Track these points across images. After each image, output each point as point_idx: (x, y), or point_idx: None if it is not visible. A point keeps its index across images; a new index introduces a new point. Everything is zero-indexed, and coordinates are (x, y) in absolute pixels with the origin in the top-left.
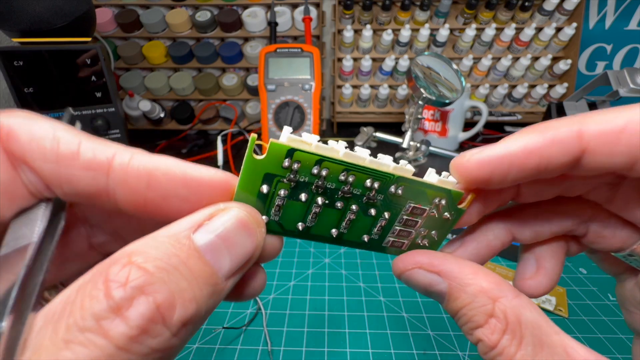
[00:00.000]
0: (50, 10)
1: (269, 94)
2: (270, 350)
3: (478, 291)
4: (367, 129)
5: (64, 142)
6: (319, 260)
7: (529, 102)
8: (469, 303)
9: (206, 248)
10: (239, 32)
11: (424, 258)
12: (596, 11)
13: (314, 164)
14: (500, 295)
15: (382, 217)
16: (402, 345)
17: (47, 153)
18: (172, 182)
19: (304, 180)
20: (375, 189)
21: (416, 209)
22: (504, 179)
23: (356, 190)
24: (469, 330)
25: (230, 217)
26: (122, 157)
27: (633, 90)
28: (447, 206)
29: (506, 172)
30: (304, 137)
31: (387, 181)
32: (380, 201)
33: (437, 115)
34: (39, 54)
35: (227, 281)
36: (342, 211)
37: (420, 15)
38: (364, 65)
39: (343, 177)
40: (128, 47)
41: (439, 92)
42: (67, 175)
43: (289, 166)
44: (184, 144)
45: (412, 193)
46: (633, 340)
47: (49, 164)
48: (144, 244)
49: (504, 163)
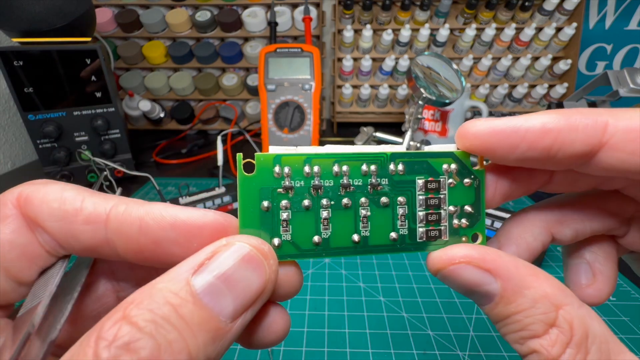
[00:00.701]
0: (50, 10)
1: (269, 94)
2: (270, 350)
3: (540, 296)
4: (367, 129)
5: (69, 201)
6: (319, 260)
7: (529, 102)
8: (527, 309)
9: (205, 291)
10: (239, 32)
11: (473, 252)
12: (596, 11)
13: (303, 164)
14: (565, 302)
15: (397, 203)
16: (402, 345)
17: (55, 212)
18: (160, 226)
19: (300, 185)
20: (374, 173)
21: (429, 183)
22: (510, 152)
23: (356, 182)
24: (520, 339)
25: (231, 254)
26: (118, 208)
27: (633, 90)
28: (461, 170)
29: (515, 145)
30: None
31: (383, 161)
32: (386, 186)
33: (437, 115)
34: (39, 54)
35: (234, 323)
36: (353, 209)
37: (420, 15)
38: (364, 65)
39: (337, 169)
40: (128, 47)
41: (439, 92)
42: (72, 230)
43: (280, 173)
44: (184, 144)
45: (415, 168)
46: None
47: (57, 222)
48: (141, 294)
49: (516, 135)
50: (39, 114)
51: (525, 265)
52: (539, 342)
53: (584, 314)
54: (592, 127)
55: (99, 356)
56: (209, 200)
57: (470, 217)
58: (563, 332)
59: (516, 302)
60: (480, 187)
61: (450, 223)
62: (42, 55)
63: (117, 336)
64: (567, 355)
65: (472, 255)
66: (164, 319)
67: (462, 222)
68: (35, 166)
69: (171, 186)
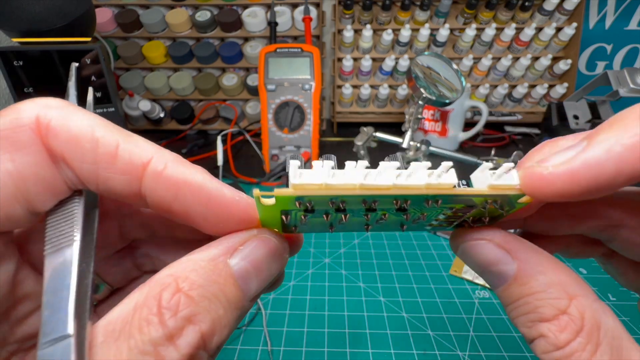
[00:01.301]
0: (50, 10)
1: (269, 94)
2: (270, 351)
3: (555, 282)
4: (367, 129)
5: (102, 144)
6: (319, 260)
7: (529, 102)
8: (539, 292)
9: (239, 274)
10: (239, 32)
11: (496, 234)
12: (596, 11)
13: (329, 200)
14: (579, 293)
15: (417, 216)
16: (402, 345)
17: (86, 154)
18: (197, 200)
19: (323, 209)
20: (406, 204)
21: (459, 211)
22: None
23: (382, 206)
24: (529, 322)
25: (262, 245)
26: (156, 165)
27: (633, 90)
28: (501, 205)
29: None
30: (313, 172)
31: (422, 198)
32: (412, 207)
33: (437, 115)
34: (39, 54)
35: (251, 303)
36: (370, 220)
37: (420, 15)
38: (364, 65)
39: (366, 202)
40: (128, 47)
41: (439, 92)
42: (104, 177)
43: (302, 204)
44: (184, 144)
45: (453, 200)
46: None
47: (87, 165)
48: (185, 269)
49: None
50: None
51: (545, 255)
52: (547, 327)
53: (598, 307)
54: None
55: (166, 324)
56: None
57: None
58: (573, 320)
59: (529, 284)
60: (508, 212)
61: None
62: (42, 55)
63: (179, 308)
64: (576, 343)
65: (494, 235)
66: (215, 297)
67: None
68: None
69: None
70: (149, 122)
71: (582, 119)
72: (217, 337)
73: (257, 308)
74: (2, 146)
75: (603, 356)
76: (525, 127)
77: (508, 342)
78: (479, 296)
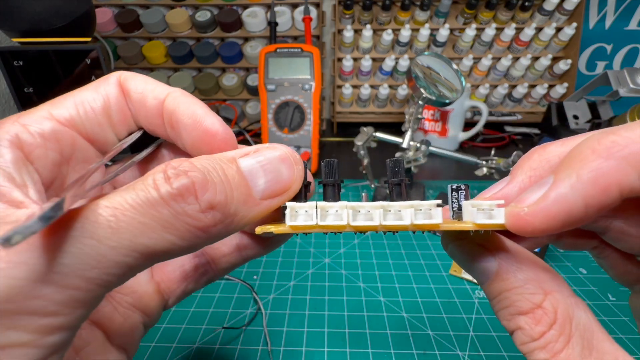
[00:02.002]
0: (50, 10)
1: (269, 94)
2: (270, 350)
3: (531, 278)
4: (367, 129)
5: (149, 84)
6: (319, 260)
7: (529, 102)
8: (517, 287)
9: (246, 168)
10: (239, 32)
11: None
12: (596, 11)
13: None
14: (555, 289)
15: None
16: (402, 345)
17: (139, 88)
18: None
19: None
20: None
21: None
22: (580, 221)
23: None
24: (508, 315)
25: (272, 152)
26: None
27: (633, 90)
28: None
29: (583, 215)
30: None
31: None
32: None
33: (437, 115)
34: (39, 54)
35: (262, 201)
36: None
37: (420, 15)
38: (364, 65)
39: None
40: (128, 47)
41: (439, 92)
42: (145, 101)
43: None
44: None
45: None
46: None
47: (138, 95)
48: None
49: (577, 206)
50: None
51: (525, 253)
52: (524, 319)
53: (571, 302)
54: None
55: (166, 173)
56: None
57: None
58: (547, 314)
59: (508, 280)
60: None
61: None
62: (42, 55)
63: (180, 166)
64: (550, 335)
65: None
66: (214, 170)
67: None
68: None
69: None
70: None
71: (582, 119)
72: (210, 195)
73: (257, 308)
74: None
75: (575, 347)
76: (525, 127)
77: (508, 342)
78: (478, 296)
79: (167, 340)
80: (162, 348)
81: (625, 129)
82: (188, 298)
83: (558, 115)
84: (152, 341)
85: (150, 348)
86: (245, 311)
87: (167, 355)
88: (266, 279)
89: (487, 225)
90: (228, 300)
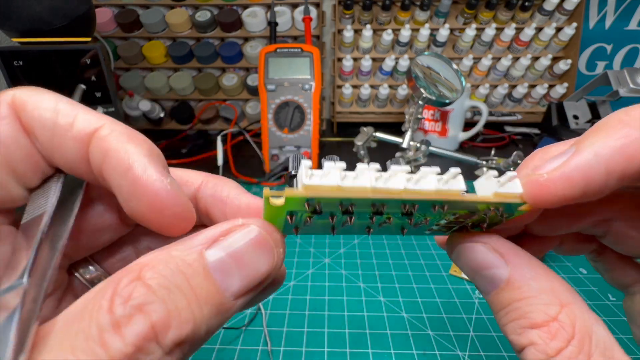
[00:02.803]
0: (50, 10)
1: (269, 94)
2: (270, 351)
3: (547, 289)
4: (367, 129)
5: (62, 114)
6: (319, 260)
7: (529, 102)
8: (530, 297)
9: (215, 266)
10: (239, 32)
11: (492, 238)
12: (596, 11)
13: (339, 202)
14: (571, 301)
15: (420, 220)
16: (402, 345)
17: (46, 122)
18: (124, 177)
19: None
20: (414, 209)
21: (463, 215)
22: (600, 191)
23: (391, 210)
24: (519, 328)
25: (246, 235)
26: (103, 131)
27: (633, 90)
28: (503, 211)
29: (603, 183)
30: (326, 174)
31: (431, 204)
32: (417, 211)
33: (437, 115)
34: (39, 54)
35: (236, 301)
36: (374, 223)
37: (420, 15)
38: (364, 65)
39: (376, 206)
40: (128, 47)
41: (439, 92)
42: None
43: (311, 206)
44: (183, 144)
45: (458, 207)
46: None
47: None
48: (156, 257)
49: (599, 173)
50: None
51: (538, 262)
52: (538, 333)
53: (589, 317)
54: None
55: (113, 312)
56: None
57: (490, 226)
58: (564, 327)
59: (521, 289)
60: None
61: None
62: (42, 55)
63: (131, 296)
64: (568, 352)
65: (488, 239)
66: (177, 287)
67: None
68: None
69: None
70: (149, 122)
71: (582, 119)
72: (175, 332)
73: (257, 308)
74: None
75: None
76: (525, 127)
77: (508, 342)
78: (479, 296)
79: None
80: None
81: None
82: None
83: (558, 115)
84: None
85: None
86: (245, 311)
87: None
88: None
89: (505, 195)
90: None
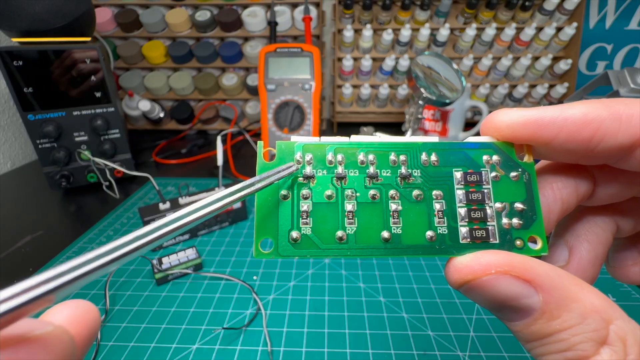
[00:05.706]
0: (50, 10)
1: (269, 94)
2: (270, 351)
3: (590, 310)
4: (367, 128)
5: None
6: (319, 261)
7: (530, 102)
8: (575, 325)
9: None
10: (238, 32)
11: (514, 259)
12: (596, 11)
13: (326, 152)
14: (614, 316)
15: (433, 197)
16: (402, 345)
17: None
18: None
19: (322, 174)
20: (404, 162)
21: (469, 175)
22: (547, 143)
23: (385, 172)
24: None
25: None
26: None
27: (633, 90)
28: (505, 162)
29: (553, 137)
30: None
31: (413, 151)
32: (419, 178)
33: (437, 115)
34: (39, 54)
35: None
36: (381, 203)
37: (420, 14)
38: (364, 65)
39: (362, 157)
40: (128, 47)
41: (439, 91)
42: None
43: (302, 161)
44: (183, 144)
45: (450, 159)
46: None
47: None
48: None
49: (554, 126)
50: (39, 114)
51: (567, 275)
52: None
53: (634, 328)
54: (637, 117)
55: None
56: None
57: (523, 216)
58: (616, 352)
59: (561, 318)
60: (532, 182)
61: (499, 222)
62: (42, 55)
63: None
64: None
65: (512, 263)
66: None
67: (513, 222)
68: (34, 166)
69: (171, 186)
70: (149, 122)
71: None
72: None
73: (257, 308)
74: None
75: None
76: None
77: (508, 342)
78: None
79: (167, 340)
80: (162, 348)
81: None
82: (188, 299)
83: None
84: (152, 341)
85: (150, 348)
86: (245, 311)
87: (167, 355)
88: (266, 280)
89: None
90: (228, 301)
